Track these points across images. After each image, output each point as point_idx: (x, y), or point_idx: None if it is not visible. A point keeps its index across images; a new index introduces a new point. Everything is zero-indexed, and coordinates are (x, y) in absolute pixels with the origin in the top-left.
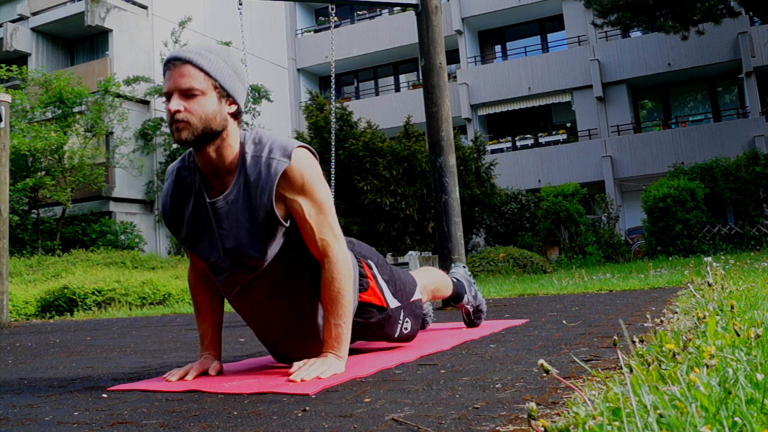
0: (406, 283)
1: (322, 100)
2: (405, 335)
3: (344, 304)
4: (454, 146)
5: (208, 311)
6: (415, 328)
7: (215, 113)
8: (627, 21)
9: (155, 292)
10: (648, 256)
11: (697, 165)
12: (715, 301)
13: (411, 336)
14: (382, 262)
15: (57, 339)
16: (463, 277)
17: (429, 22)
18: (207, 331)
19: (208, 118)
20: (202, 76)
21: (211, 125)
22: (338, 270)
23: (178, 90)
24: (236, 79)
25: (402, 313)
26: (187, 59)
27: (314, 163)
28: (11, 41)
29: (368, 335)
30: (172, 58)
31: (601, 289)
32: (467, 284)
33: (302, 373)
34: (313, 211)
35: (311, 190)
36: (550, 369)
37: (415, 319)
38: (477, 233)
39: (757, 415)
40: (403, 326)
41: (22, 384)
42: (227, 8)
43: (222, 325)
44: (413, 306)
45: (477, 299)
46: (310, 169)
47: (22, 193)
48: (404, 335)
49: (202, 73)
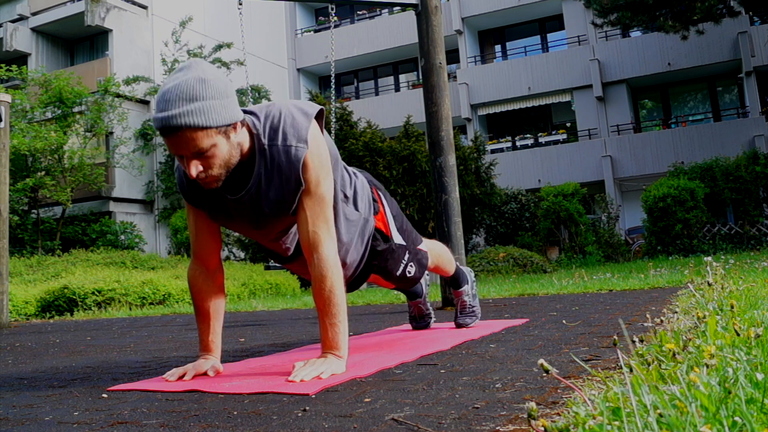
0: (413, 230)
1: (322, 99)
2: (408, 277)
3: (337, 302)
4: (454, 146)
5: (208, 311)
6: (418, 275)
7: (230, 151)
8: (627, 21)
9: (155, 292)
10: (648, 256)
11: (697, 165)
12: (715, 301)
13: (414, 279)
14: (390, 198)
15: (57, 339)
16: (467, 272)
17: (429, 21)
18: (206, 331)
19: (227, 159)
20: (202, 133)
21: (231, 161)
22: (328, 268)
23: (187, 155)
24: (226, 100)
25: (407, 255)
26: (178, 126)
27: (324, 149)
28: (11, 41)
29: (374, 267)
30: (162, 128)
31: (601, 289)
32: (470, 281)
33: (302, 374)
34: (312, 201)
35: (317, 180)
36: (550, 369)
37: (420, 267)
38: (477, 233)
39: (757, 414)
40: (407, 268)
41: (22, 384)
42: (227, 8)
43: (222, 325)
44: (420, 254)
45: (474, 299)
46: (320, 159)
47: (22, 193)
48: (407, 277)
49: (201, 131)
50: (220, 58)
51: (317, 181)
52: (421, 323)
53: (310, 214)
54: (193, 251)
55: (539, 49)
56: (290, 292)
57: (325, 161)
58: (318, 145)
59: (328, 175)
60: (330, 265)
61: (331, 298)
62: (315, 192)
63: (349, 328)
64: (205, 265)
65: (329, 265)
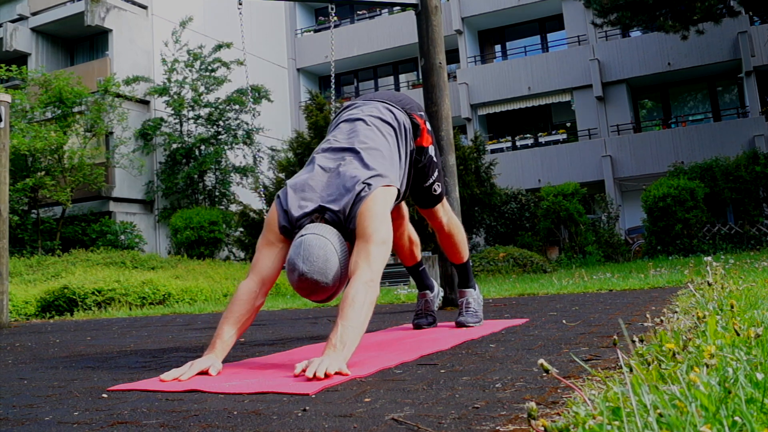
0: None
1: (322, 99)
2: (434, 194)
3: (355, 308)
4: (454, 146)
5: (240, 321)
6: (440, 197)
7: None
8: (627, 20)
9: (155, 292)
10: (648, 256)
11: (696, 164)
12: (715, 301)
13: (438, 198)
14: (427, 118)
15: (57, 339)
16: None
17: (429, 21)
18: (226, 334)
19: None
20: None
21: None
22: (357, 288)
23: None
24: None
25: (437, 171)
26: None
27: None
28: (11, 41)
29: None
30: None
31: (601, 289)
32: (477, 290)
33: (312, 369)
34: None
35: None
36: (550, 369)
37: (443, 183)
38: (477, 233)
39: (756, 414)
40: (435, 184)
41: (22, 384)
42: (227, 8)
43: (238, 337)
44: (445, 182)
45: (479, 306)
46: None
47: (22, 193)
48: (433, 194)
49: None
50: (220, 58)
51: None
52: (423, 321)
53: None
54: (257, 270)
55: (539, 49)
56: (290, 292)
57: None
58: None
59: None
60: (358, 287)
61: (353, 303)
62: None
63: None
64: (261, 284)
65: (357, 287)
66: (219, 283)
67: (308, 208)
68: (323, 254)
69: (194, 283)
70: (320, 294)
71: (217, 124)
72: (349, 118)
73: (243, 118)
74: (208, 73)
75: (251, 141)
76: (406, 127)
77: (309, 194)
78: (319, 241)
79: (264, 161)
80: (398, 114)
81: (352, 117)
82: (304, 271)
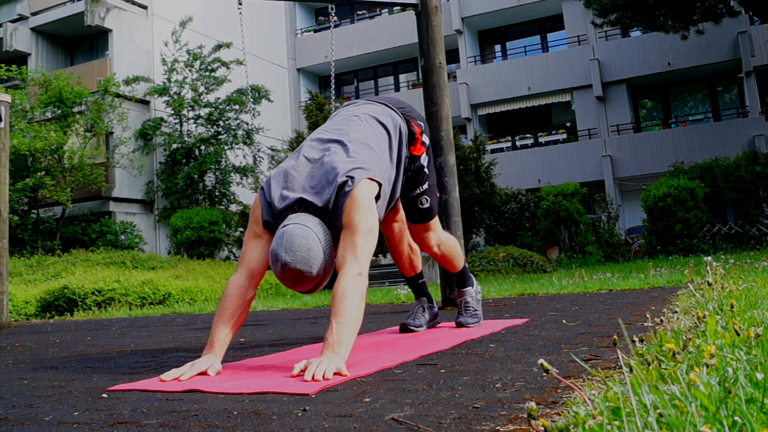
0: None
1: (322, 99)
2: (420, 208)
3: (347, 305)
4: (454, 146)
5: (234, 317)
6: (428, 215)
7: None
8: (627, 20)
9: (155, 292)
10: (648, 256)
11: (696, 164)
12: (715, 301)
13: (429, 211)
14: (427, 130)
15: (57, 339)
16: (475, 281)
17: (429, 21)
18: (221, 333)
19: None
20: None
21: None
22: (346, 283)
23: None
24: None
25: (428, 185)
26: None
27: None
28: (11, 41)
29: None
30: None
31: (601, 289)
32: (476, 286)
33: (311, 371)
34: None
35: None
36: (550, 368)
37: (435, 200)
38: (477, 233)
39: (756, 414)
40: (423, 197)
41: (22, 384)
42: (227, 8)
43: (234, 334)
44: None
45: (478, 304)
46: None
47: (21, 193)
48: (419, 208)
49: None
50: (220, 58)
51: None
52: (410, 322)
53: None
54: (245, 263)
55: (539, 49)
56: (290, 292)
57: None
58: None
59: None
60: (347, 280)
61: (343, 299)
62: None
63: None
64: (251, 278)
65: (346, 280)
66: (219, 283)
67: (290, 199)
68: (306, 244)
69: (194, 283)
70: (305, 284)
71: (217, 124)
72: (345, 114)
73: (243, 118)
74: (208, 73)
75: (251, 141)
76: (402, 132)
77: (291, 184)
78: (302, 230)
79: (264, 161)
80: (396, 117)
81: (349, 113)
82: (286, 261)
